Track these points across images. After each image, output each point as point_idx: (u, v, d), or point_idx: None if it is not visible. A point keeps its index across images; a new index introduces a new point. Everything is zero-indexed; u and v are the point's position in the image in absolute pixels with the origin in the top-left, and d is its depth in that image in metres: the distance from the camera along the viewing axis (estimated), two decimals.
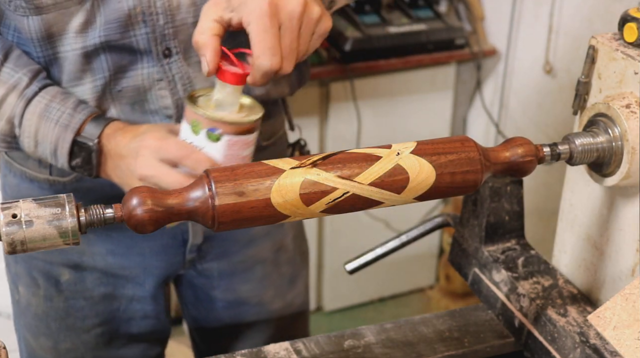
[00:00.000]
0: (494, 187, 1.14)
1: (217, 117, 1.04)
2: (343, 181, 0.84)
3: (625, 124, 0.93)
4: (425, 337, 1.12)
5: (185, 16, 1.15)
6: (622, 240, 1.02)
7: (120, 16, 1.12)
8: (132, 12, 1.12)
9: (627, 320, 0.92)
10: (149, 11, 1.13)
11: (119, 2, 1.12)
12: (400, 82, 2.75)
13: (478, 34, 2.80)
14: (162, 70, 1.17)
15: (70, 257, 1.32)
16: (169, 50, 1.16)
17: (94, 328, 1.36)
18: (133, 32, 1.14)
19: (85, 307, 1.35)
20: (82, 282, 1.33)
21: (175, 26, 1.15)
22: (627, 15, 0.98)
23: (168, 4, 1.13)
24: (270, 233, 1.42)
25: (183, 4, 1.14)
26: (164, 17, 1.14)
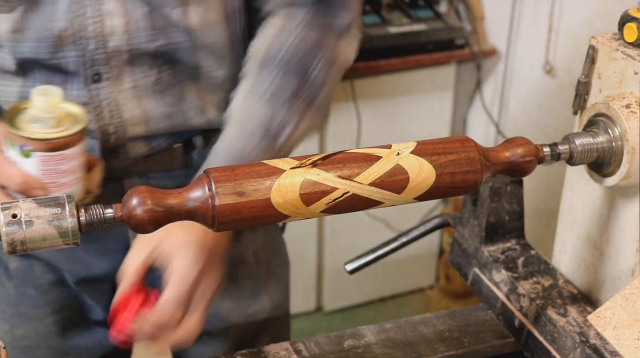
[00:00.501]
0: (494, 187, 1.14)
1: (24, 134, 1.02)
2: (343, 181, 0.84)
3: (625, 124, 0.93)
4: (425, 337, 1.12)
5: (118, 43, 1.13)
6: (622, 240, 1.02)
7: (50, 36, 1.12)
8: (63, 33, 1.11)
9: (627, 320, 0.92)
10: (79, 35, 1.12)
11: (51, 21, 1.11)
12: (400, 82, 2.75)
13: (478, 34, 2.80)
14: (89, 95, 1.16)
15: None
16: (99, 75, 1.15)
17: (46, 317, 1.34)
18: (63, 53, 1.13)
19: (35, 295, 1.33)
20: (31, 270, 1.32)
21: (107, 52, 1.14)
22: (627, 15, 0.98)
23: (100, 29, 1.12)
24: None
25: (116, 31, 1.13)
26: (95, 42, 1.13)
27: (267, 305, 1.45)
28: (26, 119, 1.04)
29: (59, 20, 1.11)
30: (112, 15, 1.12)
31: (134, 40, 1.14)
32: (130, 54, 1.15)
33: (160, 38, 1.15)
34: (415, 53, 2.68)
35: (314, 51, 1.18)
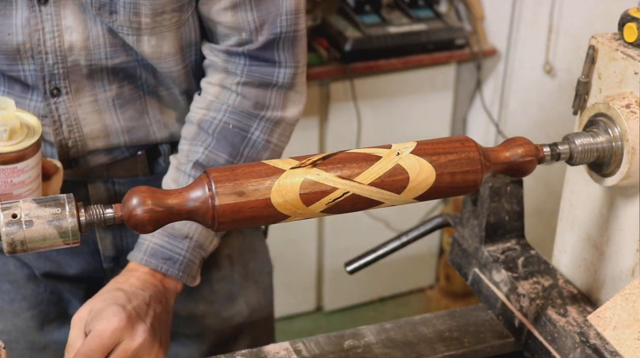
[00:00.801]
0: (494, 187, 1.14)
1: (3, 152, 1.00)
2: (343, 181, 0.84)
3: (625, 124, 0.93)
4: (425, 337, 1.12)
5: (77, 58, 1.13)
6: (622, 240, 1.02)
7: (8, 49, 1.11)
8: (22, 47, 1.11)
9: (627, 320, 0.92)
10: (37, 49, 1.11)
11: (8, 34, 1.10)
12: (400, 82, 2.75)
13: (478, 34, 2.80)
14: (49, 108, 1.15)
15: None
16: (58, 89, 1.15)
17: (23, 312, 1.34)
18: (22, 66, 1.13)
19: (11, 290, 1.32)
20: (5, 265, 1.31)
21: (65, 67, 1.13)
22: (627, 15, 0.98)
23: (58, 44, 1.12)
24: None
25: (75, 46, 1.12)
26: (53, 56, 1.12)
27: (244, 308, 1.43)
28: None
29: (17, 34, 1.10)
30: (71, 31, 1.11)
31: (93, 56, 1.13)
32: (90, 68, 1.14)
33: (119, 55, 1.15)
34: (415, 53, 2.68)
35: (252, 113, 1.18)
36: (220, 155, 1.17)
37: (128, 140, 1.23)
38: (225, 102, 1.18)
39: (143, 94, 1.21)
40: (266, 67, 1.18)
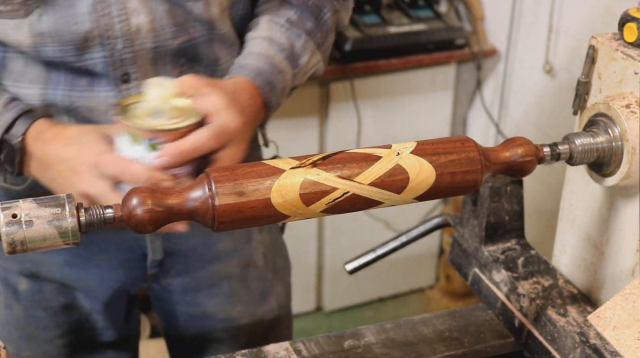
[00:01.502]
0: (494, 187, 1.14)
1: (153, 127, 1.01)
2: (343, 181, 0.84)
3: (625, 124, 0.93)
4: (425, 337, 1.12)
5: (144, 41, 1.13)
6: (622, 240, 1.02)
7: (76, 39, 1.10)
8: (89, 35, 1.10)
9: (627, 320, 0.92)
10: (106, 34, 1.11)
11: (75, 23, 1.09)
12: (400, 82, 2.75)
13: (478, 34, 2.80)
14: (120, 95, 1.15)
15: (27, 266, 1.29)
16: (128, 75, 1.14)
17: (55, 339, 1.34)
18: (90, 55, 1.12)
19: (45, 317, 1.32)
20: (41, 292, 1.31)
21: (133, 51, 1.13)
22: (627, 15, 0.98)
23: (127, 27, 1.11)
24: (238, 249, 1.39)
25: (142, 28, 1.12)
26: (122, 41, 1.12)
27: (274, 306, 1.46)
28: (143, 113, 1.03)
29: (83, 22, 1.10)
30: (137, 14, 1.11)
31: (159, 37, 1.14)
32: (155, 52, 1.15)
33: (182, 34, 1.16)
34: (415, 53, 2.68)
35: (323, 2, 1.25)
36: (307, 22, 1.23)
37: None
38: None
39: None
40: None
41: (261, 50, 1.18)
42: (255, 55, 1.18)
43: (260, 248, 1.43)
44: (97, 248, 1.29)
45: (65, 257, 1.28)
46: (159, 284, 1.38)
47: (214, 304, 1.40)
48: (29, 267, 1.29)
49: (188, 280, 1.37)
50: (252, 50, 1.19)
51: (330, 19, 1.26)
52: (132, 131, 1.02)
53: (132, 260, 1.32)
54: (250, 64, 1.17)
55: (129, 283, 1.35)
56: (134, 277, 1.34)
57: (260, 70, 1.16)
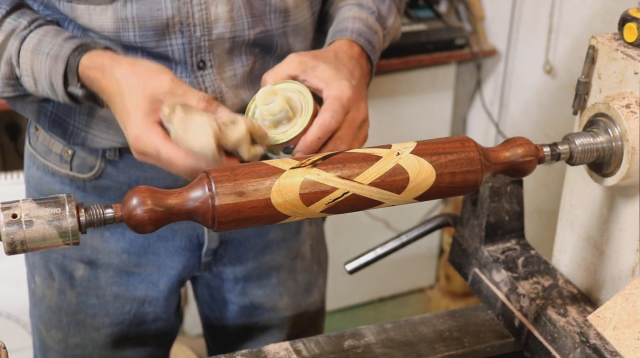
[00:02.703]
0: (494, 187, 1.14)
1: (290, 138, 1.02)
2: (343, 181, 0.84)
3: (625, 124, 0.93)
4: (425, 337, 1.12)
5: (222, 30, 1.16)
6: (622, 240, 1.02)
7: (158, 25, 1.13)
8: (171, 21, 1.13)
9: (627, 320, 0.92)
10: (187, 22, 1.13)
11: (158, 10, 1.12)
12: (400, 82, 2.75)
13: (478, 34, 2.80)
14: (196, 81, 1.17)
15: (86, 253, 1.32)
16: (204, 62, 1.17)
17: (103, 328, 1.36)
18: (169, 41, 1.15)
19: (97, 305, 1.35)
20: (96, 280, 1.34)
21: (211, 39, 1.15)
22: (627, 15, 0.98)
23: (206, 16, 1.14)
24: (287, 240, 1.42)
25: (221, 18, 1.15)
26: (200, 28, 1.15)
27: (317, 298, 1.50)
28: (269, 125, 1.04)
29: (166, 9, 1.12)
30: (216, 3, 1.14)
31: (237, 27, 1.16)
32: (232, 42, 1.17)
33: (258, 25, 1.18)
34: (415, 53, 2.67)
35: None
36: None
37: None
38: None
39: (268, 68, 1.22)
40: None
41: (354, 13, 1.22)
42: (351, 18, 1.21)
43: (309, 240, 1.46)
44: (156, 236, 1.31)
45: (125, 245, 1.31)
46: (211, 272, 1.41)
47: (263, 294, 1.43)
48: (88, 253, 1.32)
49: (240, 269, 1.40)
50: (346, 14, 1.22)
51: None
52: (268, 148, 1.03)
53: (188, 248, 1.34)
54: (349, 26, 1.20)
55: (184, 272, 1.37)
56: (190, 265, 1.36)
57: (360, 31, 1.19)
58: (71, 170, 1.27)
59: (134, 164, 1.25)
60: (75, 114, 1.23)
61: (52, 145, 1.29)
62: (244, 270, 1.40)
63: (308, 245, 1.46)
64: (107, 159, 1.25)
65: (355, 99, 1.08)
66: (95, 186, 1.26)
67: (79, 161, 1.27)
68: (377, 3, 1.25)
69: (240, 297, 1.43)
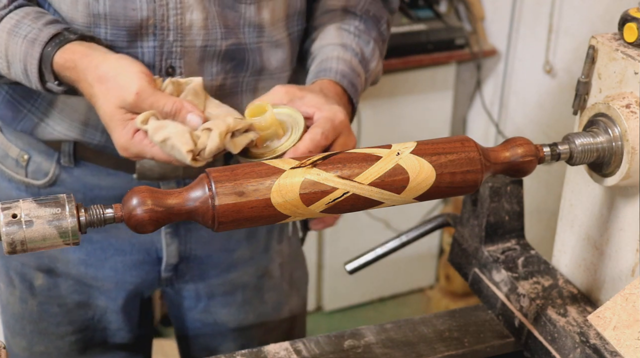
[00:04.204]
0: (494, 187, 1.14)
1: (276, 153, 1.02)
2: (343, 181, 0.84)
3: (625, 124, 0.93)
4: (425, 337, 1.12)
5: (195, 38, 1.14)
6: (622, 240, 1.02)
7: (131, 25, 1.11)
8: (145, 22, 1.11)
9: (627, 320, 0.92)
10: (161, 25, 1.12)
11: (133, 9, 1.10)
12: (400, 82, 2.75)
13: (478, 34, 2.80)
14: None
15: (44, 262, 1.29)
16: (173, 68, 1.15)
17: (67, 336, 1.34)
18: (141, 43, 1.13)
19: (59, 313, 1.33)
20: (56, 288, 1.31)
21: (183, 45, 1.14)
22: (627, 15, 0.98)
23: (180, 21, 1.13)
24: (254, 258, 1.39)
25: (195, 25, 1.13)
26: (174, 33, 1.13)
27: (287, 317, 1.45)
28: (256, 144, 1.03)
29: (142, 9, 1.11)
30: (192, 9, 1.12)
31: (210, 36, 1.15)
32: (203, 50, 1.15)
33: (231, 37, 1.16)
34: (415, 53, 2.67)
35: (380, 14, 1.29)
36: (372, 31, 1.26)
37: None
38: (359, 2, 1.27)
39: (241, 90, 1.22)
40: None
41: (339, 54, 1.20)
42: (335, 59, 1.20)
43: (278, 258, 1.42)
44: (113, 249, 1.29)
45: (82, 256, 1.29)
46: (173, 288, 1.38)
47: (227, 313, 1.40)
48: (47, 262, 1.30)
49: (202, 286, 1.37)
50: (330, 55, 1.21)
51: (386, 30, 1.30)
52: None
53: (147, 263, 1.31)
54: (333, 67, 1.19)
55: (143, 286, 1.34)
56: (149, 280, 1.34)
57: (343, 72, 1.18)
58: (26, 176, 1.25)
59: (89, 172, 1.23)
60: (36, 98, 1.20)
61: (9, 149, 1.26)
62: (206, 287, 1.37)
63: (277, 263, 1.42)
64: (62, 165, 1.23)
65: (347, 125, 1.08)
66: (50, 194, 1.22)
67: (34, 166, 1.25)
68: (361, 45, 1.24)
69: (203, 314, 1.40)
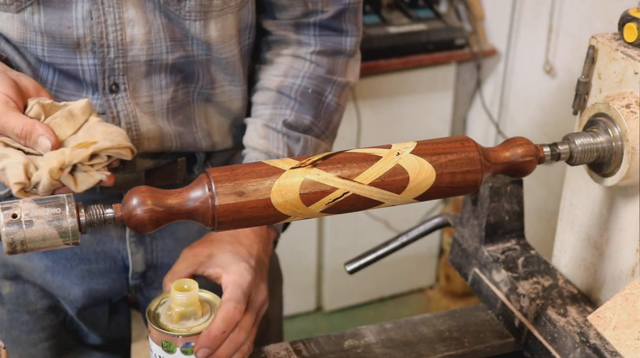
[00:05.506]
0: (494, 187, 1.14)
1: (190, 332, 0.99)
2: (343, 181, 0.84)
3: (625, 124, 0.93)
4: (425, 337, 1.12)
5: (137, 53, 1.11)
6: (622, 240, 1.02)
7: (68, 42, 1.09)
8: (82, 40, 1.09)
9: (627, 320, 0.92)
10: (99, 42, 1.09)
11: (69, 27, 1.08)
12: (400, 82, 2.75)
13: (478, 34, 2.80)
14: (107, 105, 1.13)
15: (10, 270, 1.27)
16: (117, 85, 1.13)
17: (40, 342, 1.32)
18: (80, 61, 1.11)
19: (30, 320, 1.31)
20: (25, 295, 1.29)
21: (125, 61, 1.11)
22: (627, 15, 0.98)
23: (120, 37, 1.10)
24: None
25: (136, 40, 1.11)
26: (115, 50, 1.10)
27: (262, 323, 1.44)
28: (173, 318, 1.01)
29: (77, 27, 1.08)
30: (132, 24, 1.10)
31: (154, 50, 1.12)
32: (149, 65, 1.13)
33: (178, 50, 1.14)
34: (415, 53, 2.67)
35: (326, 81, 1.23)
36: (306, 117, 1.22)
37: (179, 145, 1.21)
38: (301, 69, 1.23)
39: (193, 99, 1.21)
40: (335, 37, 1.23)
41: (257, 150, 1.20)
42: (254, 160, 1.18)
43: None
44: (79, 258, 1.27)
45: (47, 263, 1.27)
46: (143, 295, 1.36)
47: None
48: (12, 270, 1.27)
49: None
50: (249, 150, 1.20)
51: (334, 97, 1.25)
52: (166, 340, 0.99)
53: (113, 271, 1.30)
54: None
55: (111, 293, 1.33)
56: (117, 287, 1.32)
57: None
58: None
59: None
60: None
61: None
62: None
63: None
64: None
65: (255, 282, 1.08)
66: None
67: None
68: (290, 145, 1.21)
69: None
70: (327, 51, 1.23)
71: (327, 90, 1.23)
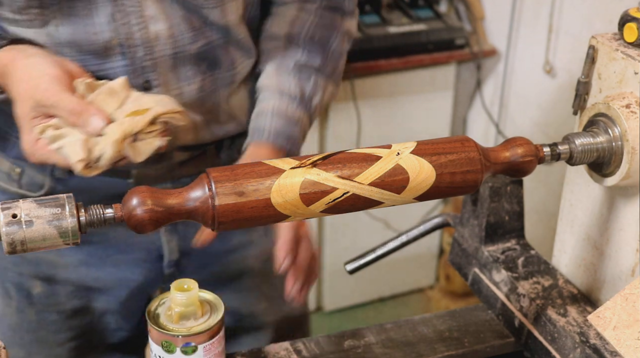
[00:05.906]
0: (494, 187, 1.14)
1: (190, 332, 0.98)
2: (343, 181, 0.84)
3: (625, 124, 0.93)
4: (425, 337, 1.12)
5: (163, 48, 1.13)
6: (622, 240, 1.02)
7: (96, 49, 1.10)
8: (109, 44, 1.10)
9: (627, 320, 0.92)
10: (127, 43, 1.11)
11: (95, 34, 1.09)
12: (400, 82, 2.75)
13: (478, 34, 2.80)
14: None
15: (42, 269, 1.29)
16: (149, 82, 1.14)
17: (67, 342, 1.34)
18: (110, 64, 1.12)
19: (58, 321, 1.32)
20: (55, 295, 1.31)
21: (153, 58, 1.13)
22: (627, 15, 0.98)
23: (146, 35, 1.11)
24: (255, 242, 1.38)
25: (161, 35, 1.12)
26: (142, 48, 1.12)
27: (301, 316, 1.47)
28: (173, 318, 1.00)
29: (102, 32, 1.10)
30: (155, 21, 1.11)
31: (178, 43, 1.14)
32: (175, 57, 1.15)
33: (199, 38, 1.16)
34: (415, 53, 2.67)
35: (330, 29, 1.28)
36: (315, 59, 1.26)
37: (210, 134, 1.24)
38: (307, 19, 1.27)
39: (218, 86, 1.22)
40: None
41: (274, 106, 1.21)
42: (269, 114, 1.21)
43: None
44: (114, 249, 1.29)
45: (82, 257, 1.28)
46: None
47: (236, 299, 1.39)
48: (44, 269, 1.29)
49: (206, 276, 1.36)
50: (265, 107, 1.22)
51: (339, 45, 1.29)
52: (165, 340, 0.99)
53: (148, 261, 1.31)
54: (267, 126, 1.20)
55: (146, 284, 1.35)
56: (152, 277, 1.34)
57: (278, 130, 1.20)
58: (21, 188, 1.24)
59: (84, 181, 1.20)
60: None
61: (0, 164, 1.25)
62: (210, 276, 1.36)
63: None
64: (55, 177, 1.22)
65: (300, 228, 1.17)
66: None
67: (27, 179, 1.24)
68: (301, 83, 1.24)
69: None
70: (330, 7, 1.28)
71: (332, 38, 1.28)
